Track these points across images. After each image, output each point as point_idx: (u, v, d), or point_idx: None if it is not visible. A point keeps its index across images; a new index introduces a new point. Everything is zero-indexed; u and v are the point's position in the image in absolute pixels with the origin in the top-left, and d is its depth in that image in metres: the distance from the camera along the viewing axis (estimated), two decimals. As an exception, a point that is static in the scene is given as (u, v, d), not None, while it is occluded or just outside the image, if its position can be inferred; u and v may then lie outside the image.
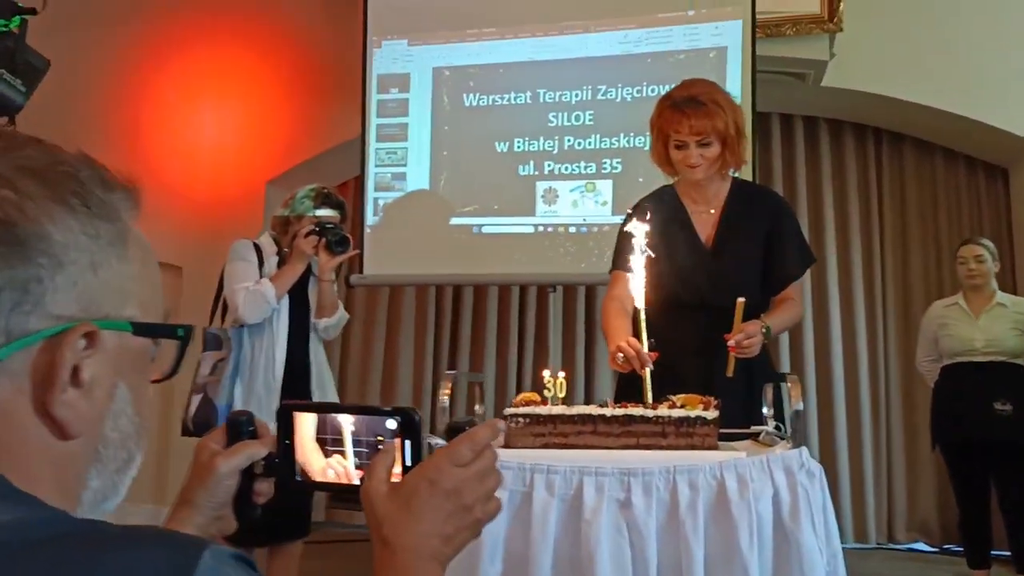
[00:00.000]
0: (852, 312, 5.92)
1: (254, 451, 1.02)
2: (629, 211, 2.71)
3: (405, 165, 5.21)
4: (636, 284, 2.25)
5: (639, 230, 2.33)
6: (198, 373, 3.38)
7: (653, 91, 4.83)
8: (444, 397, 2.46)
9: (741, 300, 2.37)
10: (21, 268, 0.66)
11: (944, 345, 4.45)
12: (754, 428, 2.37)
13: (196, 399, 3.36)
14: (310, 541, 3.60)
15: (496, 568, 2.00)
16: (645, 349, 2.28)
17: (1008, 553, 4.53)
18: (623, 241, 2.62)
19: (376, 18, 5.29)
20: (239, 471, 1.02)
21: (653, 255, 2.30)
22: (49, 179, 0.69)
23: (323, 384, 3.55)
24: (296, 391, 3.40)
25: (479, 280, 5.58)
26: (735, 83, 4.73)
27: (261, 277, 3.44)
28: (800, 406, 2.20)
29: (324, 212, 3.50)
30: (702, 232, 2.66)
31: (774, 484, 1.98)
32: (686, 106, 2.51)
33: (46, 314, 0.67)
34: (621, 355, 2.33)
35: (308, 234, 3.40)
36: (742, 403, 2.46)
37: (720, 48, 4.78)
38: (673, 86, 2.65)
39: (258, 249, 3.53)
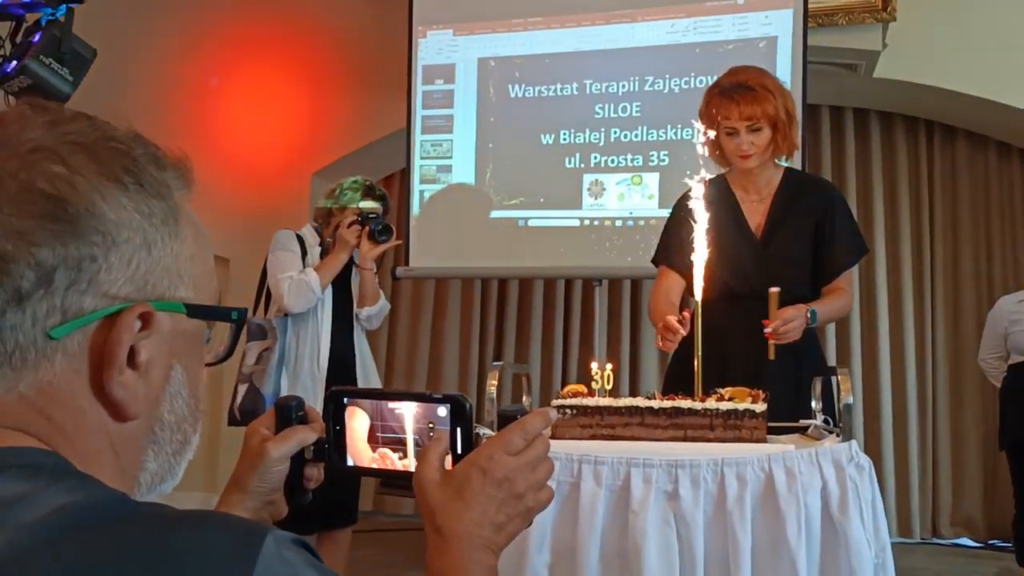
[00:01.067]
0: (900, 306, 5.84)
1: (304, 436, 1.03)
2: (682, 199, 2.67)
3: (450, 157, 5.22)
4: (697, 272, 2.25)
5: (689, 221, 2.33)
6: (243, 363, 3.41)
7: (701, 82, 4.79)
8: (491, 388, 2.47)
9: (774, 290, 2.35)
10: (74, 246, 0.65)
11: (1017, 341, 4.33)
12: (802, 422, 2.36)
13: (242, 388, 3.40)
14: (358, 530, 3.63)
15: (544, 558, 2.00)
16: (699, 339, 2.27)
17: None
18: (672, 232, 2.65)
19: (421, 8, 5.30)
20: (290, 456, 1.02)
21: (704, 246, 2.28)
22: (100, 155, 0.69)
23: (367, 373, 3.58)
24: (341, 380, 3.41)
25: (524, 274, 5.57)
26: (785, 74, 4.68)
27: (304, 267, 3.47)
28: (850, 400, 2.18)
29: (368, 204, 3.54)
30: (752, 221, 2.65)
31: (823, 477, 1.96)
32: (735, 92, 2.51)
33: (101, 293, 0.67)
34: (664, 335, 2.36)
35: (351, 224, 3.45)
36: (789, 391, 2.46)
37: (770, 38, 4.73)
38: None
39: (300, 240, 3.57)
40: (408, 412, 1.02)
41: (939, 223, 5.93)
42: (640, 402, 2.16)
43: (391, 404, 1.03)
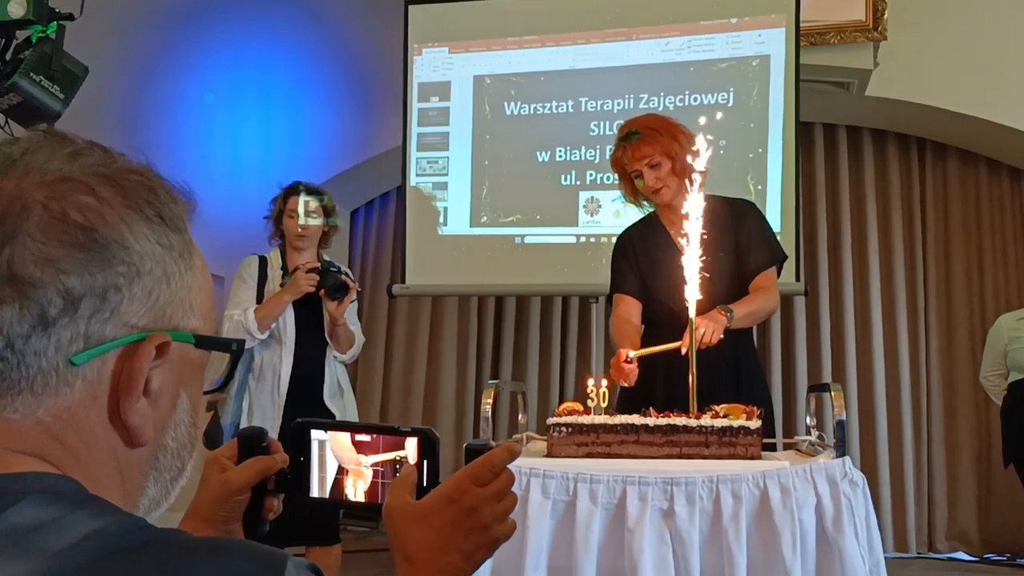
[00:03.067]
0: (894, 322, 5.87)
1: (267, 467, 1.03)
2: (621, 236, 2.99)
3: (446, 175, 5.24)
4: (690, 287, 2.31)
5: (629, 253, 2.79)
6: None
7: (696, 100, 4.83)
8: (487, 407, 2.48)
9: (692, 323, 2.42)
10: (100, 275, 0.67)
11: (1017, 359, 4.34)
12: (796, 438, 2.39)
13: (207, 416, 3.37)
14: (352, 550, 3.61)
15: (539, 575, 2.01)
16: (693, 354, 2.31)
17: None
18: (618, 266, 2.93)
19: (417, 26, 5.32)
20: (251, 486, 1.03)
21: (696, 263, 2.33)
22: (125, 187, 0.71)
23: (335, 394, 3.50)
24: (307, 397, 3.37)
25: (521, 291, 5.58)
26: (778, 91, 4.72)
27: (263, 293, 3.44)
28: (843, 416, 2.20)
29: (294, 200, 3.50)
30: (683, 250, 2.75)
31: (817, 493, 1.98)
32: (625, 141, 2.80)
33: (122, 323, 0.69)
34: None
35: (309, 271, 3.38)
36: (730, 398, 2.54)
37: (763, 56, 4.77)
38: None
39: (264, 263, 3.54)
40: (374, 445, 1.03)
41: (931, 239, 5.97)
42: (635, 420, 2.18)
43: (358, 437, 1.03)
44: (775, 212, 4.63)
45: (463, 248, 5.13)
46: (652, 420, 2.16)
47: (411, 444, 1.00)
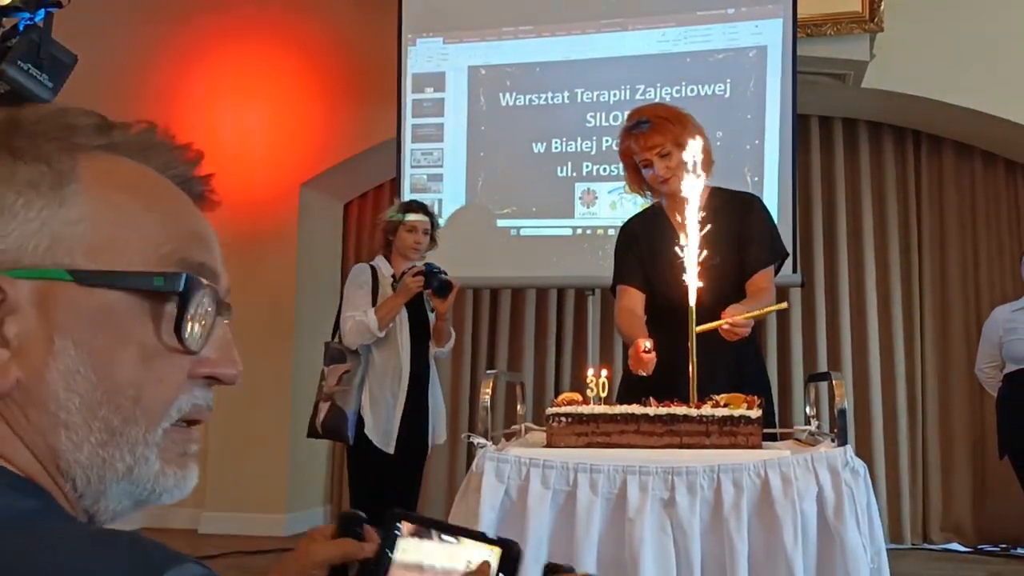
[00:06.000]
0: (889, 314, 5.88)
1: (352, 552, 1.00)
2: (624, 227, 2.99)
3: (441, 166, 5.22)
4: (690, 276, 2.30)
5: (634, 244, 2.78)
6: (324, 383, 3.73)
7: (692, 91, 4.81)
8: (485, 397, 2.47)
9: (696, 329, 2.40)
10: None
11: (1013, 350, 4.32)
12: (796, 428, 2.38)
13: (324, 406, 3.71)
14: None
15: (540, 567, 2.00)
16: (693, 344, 2.29)
17: None
18: (621, 256, 2.91)
19: (411, 16, 5.30)
20: (331, 564, 0.99)
21: (696, 254, 2.32)
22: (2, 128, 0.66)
23: (435, 390, 3.96)
24: (417, 397, 3.79)
25: (517, 283, 5.57)
26: (775, 82, 4.71)
27: (376, 300, 3.78)
28: (844, 405, 2.19)
29: (413, 217, 3.91)
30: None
31: (818, 482, 1.97)
32: (635, 129, 2.77)
33: None
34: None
35: (416, 274, 3.76)
36: (729, 374, 2.59)
37: (760, 47, 4.76)
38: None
39: (374, 271, 3.88)
40: (457, 550, 1.02)
41: (927, 231, 5.98)
42: (635, 409, 2.17)
43: (444, 536, 1.03)
44: (772, 203, 4.62)
45: (459, 240, 5.12)
46: (652, 410, 2.15)
47: (491, 554, 1.00)
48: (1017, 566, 5.17)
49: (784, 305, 2.66)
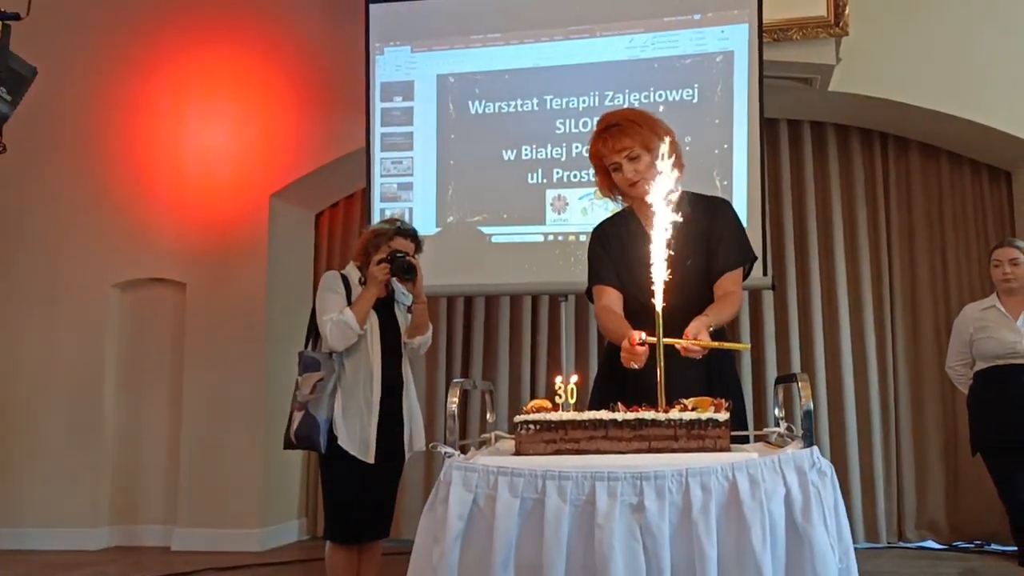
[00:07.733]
0: (861, 314, 5.92)
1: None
2: (594, 231, 2.95)
3: (411, 175, 5.21)
4: (657, 282, 2.27)
5: (605, 246, 2.77)
6: (298, 392, 3.68)
7: (661, 96, 4.83)
8: (452, 405, 2.45)
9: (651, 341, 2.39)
10: None
11: (983, 348, 4.34)
12: (765, 430, 2.38)
13: (298, 416, 3.66)
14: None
15: (509, 575, 1.99)
16: (661, 351, 2.28)
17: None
18: (594, 258, 2.88)
19: (378, 24, 5.29)
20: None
21: (663, 258, 2.31)
22: None
23: (410, 397, 3.88)
24: (389, 405, 3.73)
25: (490, 291, 5.55)
26: (742, 87, 4.74)
27: (350, 302, 3.73)
28: (810, 406, 2.19)
29: (401, 242, 3.83)
30: None
31: (786, 484, 1.97)
32: (605, 132, 2.77)
33: None
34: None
35: (380, 262, 3.71)
36: (699, 378, 2.61)
37: (727, 52, 4.78)
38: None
39: (345, 279, 3.82)
40: None
41: (895, 232, 6.03)
42: (603, 415, 2.16)
43: None
44: (741, 207, 4.65)
45: (430, 248, 5.10)
46: (620, 415, 2.14)
47: None
48: (991, 562, 5.21)
49: (747, 346, 2.64)
